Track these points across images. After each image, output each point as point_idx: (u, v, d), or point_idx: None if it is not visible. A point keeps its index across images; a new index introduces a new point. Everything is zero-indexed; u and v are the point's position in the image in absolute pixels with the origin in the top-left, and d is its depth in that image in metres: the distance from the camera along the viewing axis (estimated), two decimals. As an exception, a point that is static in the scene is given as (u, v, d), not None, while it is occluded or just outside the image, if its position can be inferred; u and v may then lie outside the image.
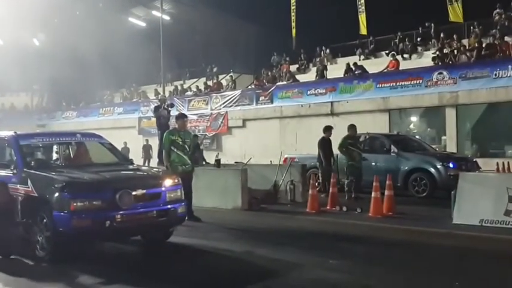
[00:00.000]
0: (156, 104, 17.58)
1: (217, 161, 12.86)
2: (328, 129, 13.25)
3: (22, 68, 31.18)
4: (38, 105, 36.85)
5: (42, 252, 6.60)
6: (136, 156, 23.50)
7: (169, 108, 15.41)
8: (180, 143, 9.55)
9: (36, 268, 6.29)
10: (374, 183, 10.15)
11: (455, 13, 20.84)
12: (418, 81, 17.89)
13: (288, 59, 26.75)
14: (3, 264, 6.49)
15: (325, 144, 13.13)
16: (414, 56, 22.05)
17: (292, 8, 26.53)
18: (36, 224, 6.69)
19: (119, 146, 23.23)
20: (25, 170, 7.14)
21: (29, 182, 6.90)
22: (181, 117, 10.10)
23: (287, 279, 5.74)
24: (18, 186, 7.04)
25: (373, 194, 10.07)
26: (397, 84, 18.39)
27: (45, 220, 6.54)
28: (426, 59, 20.77)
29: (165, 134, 10.01)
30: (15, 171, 7.23)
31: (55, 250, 6.47)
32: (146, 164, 21.30)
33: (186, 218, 8.69)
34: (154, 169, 9.47)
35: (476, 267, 6.35)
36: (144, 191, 6.83)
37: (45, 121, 33.21)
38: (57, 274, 6.00)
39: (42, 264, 6.39)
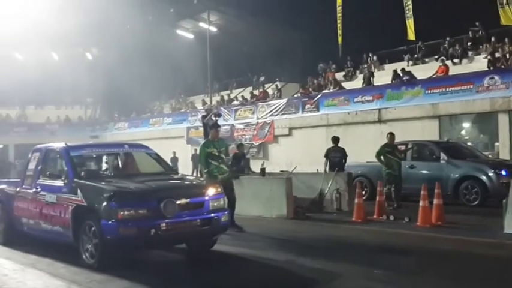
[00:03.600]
0: (203, 114, 17.83)
1: (262, 169, 12.89)
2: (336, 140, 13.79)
3: (76, 81, 32.45)
4: (92, 117, 38.15)
5: (91, 259, 6.81)
6: (185, 166, 23.99)
7: (217, 118, 15.58)
8: (216, 153, 9.49)
9: (84, 275, 6.47)
10: (422, 192, 9.89)
11: (507, 16, 20.09)
12: (468, 87, 17.38)
13: (334, 66, 26.58)
14: (54, 272, 6.74)
15: None
16: (465, 60, 21.44)
17: (338, 15, 26.37)
18: (85, 232, 6.91)
19: (168, 156, 23.86)
20: (75, 180, 7.40)
21: (78, 191, 7.15)
22: (215, 126, 10.08)
23: (329, 289, 5.71)
24: (68, 195, 7.29)
25: (421, 203, 9.83)
26: (447, 90, 17.92)
27: (93, 228, 6.75)
28: (477, 63, 20.17)
29: (200, 147, 9.99)
30: (66, 181, 7.51)
31: (103, 257, 6.66)
32: (194, 174, 21.61)
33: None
34: (198, 178, 9.58)
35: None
36: (188, 200, 6.96)
37: (98, 132, 34.34)
38: (105, 281, 6.16)
39: (90, 271, 6.57)
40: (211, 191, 7.32)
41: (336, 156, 13.28)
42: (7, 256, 7.85)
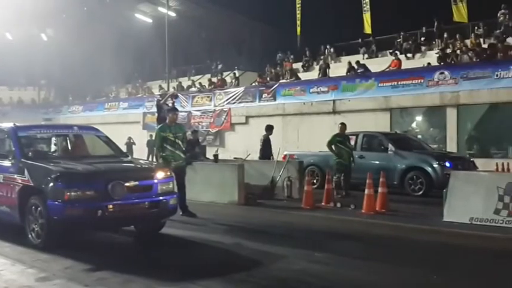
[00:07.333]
0: (158, 98, 17.73)
1: (215, 156, 13.03)
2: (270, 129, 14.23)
3: (30, 63, 31.63)
4: (45, 99, 37.26)
5: (37, 239, 6.79)
6: (142, 151, 23.82)
7: (174, 100, 15.54)
8: (172, 138, 9.39)
9: (29, 254, 6.46)
10: (367, 181, 10.27)
11: (460, 13, 20.90)
12: (419, 81, 17.98)
13: (292, 57, 26.87)
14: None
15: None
16: (418, 55, 22.11)
17: (298, 6, 26.68)
18: (31, 212, 6.87)
19: (123, 141, 23.59)
20: (22, 160, 7.32)
21: (25, 171, 7.09)
22: (173, 110, 10.03)
23: (270, 270, 5.89)
24: (15, 176, 7.23)
25: (366, 191, 10.20)
26: (399, 83, 18.49)
27: (39, 208, 6.73)
28: (430, 58, 20.84)
29: (156, 131, 9.82)
30: (13, 161, 7.42)
31: (49, 238, 6.66)
32: (149, 159, 21.49)
33: (181, 213, 8.88)
34: (148, 162, 9.58)
35: (460, 262, 6.48)
36: (137, 182, 7.00)
37: (52, 115, 33.53)
38: (50, 260, 6.17)
39: (36, 251, 6.56)
40: (160, 174, 7.38)
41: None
42: (-50, 236, 7.72)
